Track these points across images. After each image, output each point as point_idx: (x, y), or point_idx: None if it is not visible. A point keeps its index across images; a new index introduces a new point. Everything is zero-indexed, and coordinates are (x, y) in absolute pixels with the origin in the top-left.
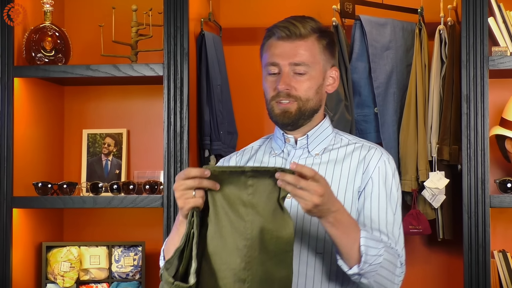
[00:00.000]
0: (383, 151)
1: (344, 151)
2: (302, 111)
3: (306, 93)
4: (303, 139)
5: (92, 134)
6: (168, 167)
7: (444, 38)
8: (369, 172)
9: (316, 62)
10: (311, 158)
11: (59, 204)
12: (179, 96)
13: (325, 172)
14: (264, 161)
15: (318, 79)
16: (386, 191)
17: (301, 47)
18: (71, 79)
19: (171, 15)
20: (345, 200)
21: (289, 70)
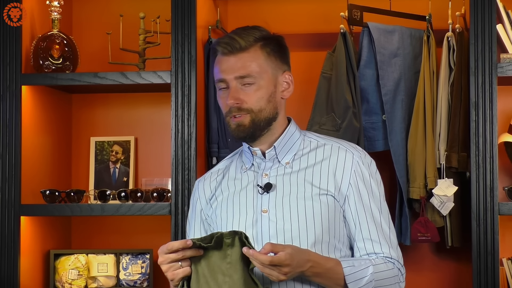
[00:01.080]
0: (353, 150)
1: (314, 156)
2: (256, 123)
3: (257, 103)
4: (271, 151)
5: (100, 142)
6: (176, 174)
7: (452, 45)
8: (346, 178)
9: (263, 71)
10: (282, 167)
11: (67, 212)
12: (186, 103)
13: (297, 180)
14: (237, 177)
15: (268, 88)
16: (368, 194)
17: (245, 59)
18: (79, 86)
19: (179, 23)
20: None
21: (236, 84)
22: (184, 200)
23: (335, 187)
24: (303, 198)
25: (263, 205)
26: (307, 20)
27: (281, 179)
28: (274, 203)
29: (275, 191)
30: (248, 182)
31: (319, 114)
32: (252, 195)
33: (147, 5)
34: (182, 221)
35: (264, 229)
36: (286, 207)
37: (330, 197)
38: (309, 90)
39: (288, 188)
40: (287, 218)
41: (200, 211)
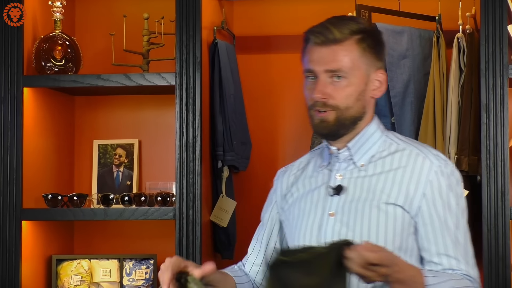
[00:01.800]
0: (433, 158)
1: (391, 161)
2: (341, 121)
3: (345, 101)
4: (345, 151)
5: (103, 145)
6: (180, 178)
7: (462, 46)
8: (420, 188)
9: (355, 67)
10: (356, 169)
11: (69, 217)
12: (191, 105)
13: (369, 185)
14: (313, 175)
15: (359, 85)
16: (443, 207)
17: (337, 52)
18: (82, 88)
19: (184, 24)
20: (390, 215)
21: (325, 77)
22: (189, 204)
23: (406, 198)
24: (371, 206)
25: (331, 208)
26: (314, 21)
27: (353, 182)
28: (342, 207)
29: (346, 194)
30: (322, 182)
31: None
32: (323, 196)
33: (151, 5)
34: (186, 225)
35: (327, 234)
36: (353, 213)
37: (399, 209)
38: None
39: (359, 193)
40: (352, 224)
41: (274, 202)
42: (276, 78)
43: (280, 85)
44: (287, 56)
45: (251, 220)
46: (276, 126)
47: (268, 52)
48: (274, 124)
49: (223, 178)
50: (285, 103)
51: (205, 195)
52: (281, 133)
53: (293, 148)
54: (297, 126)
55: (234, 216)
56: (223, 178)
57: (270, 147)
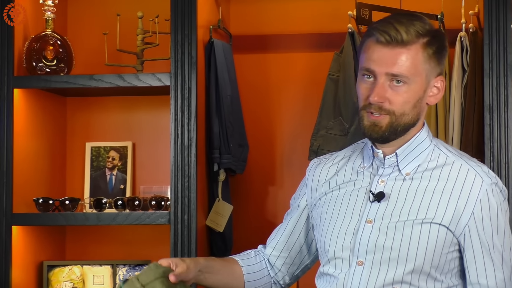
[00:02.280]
0: (484, 176)
1: (438, 174)
2: (394, 127)
3: (402, 107)
4: (392, 157)
5: (95, 147)
6: (175, 181)
7: (465, 46)
8: (469, 207)
9: (417, 73)
10: (401, 178)
11: (61, 221)
12: (186, 107)
13: (413, 197)
14: (352, 176)
15: (418, 92)
16: (492, 229)
17: (402, 55)
18: (74, 89)
19: (179, 22)
20: (433, 234)
21: (384, 80)
22: (184, 208)
23: (453, 217)
24: (413, 220)
25: (370, 214)
26: (313, 20)
27: (396, 190)
28: (382, 215)
29: (387, 202)
30: (361, 185)
31: (326, 118)
32: (362, 200)
33: (145, 4)
34: (181, 230)
35: (363, 240)
36: (393, 223)
37: (443, 228)
38: (315, 93)
39: (401, 203)
40: (391, 235)
41: (304, 194)
42: (274, 79)
43: (278, 86)
44: (285, 55)
45: (248, 225)
46: (274, 127)
47: (266, 52)
48: (272, 126)
49: (219, 181)
50: (283, 104)
51: (201, 199)
52: (279, 135)
53: (291, 150)
54: (296, 128)
55: (230, 220)
56: (219, 182)
57: (268, 150)
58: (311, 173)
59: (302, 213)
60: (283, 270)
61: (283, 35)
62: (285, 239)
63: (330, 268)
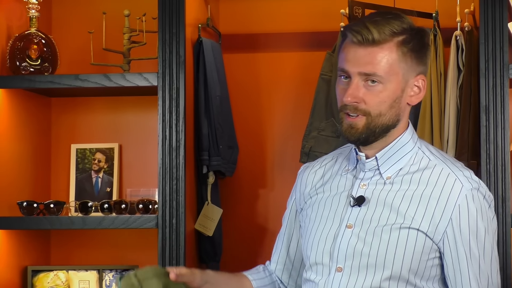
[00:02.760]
0: (464, 181)
1: (418, 178)
2: (371, 128)
3: (378, 107)
4: (372, 161)
5: (81, 149)
6: (163, 184)
7: (461, 45)
8: (448, 212)
9: (393, 72)
10: (382, 182)
11: (46, 225)
12: (175, 107)
13: (392, 201)
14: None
15: (394, 92)
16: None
17: (374, 54)
18: (59, 90)
19: (167, 21)
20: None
21: (359, 80)
22: (172, 212)
23: (431, 223)
24: (391, 225)
25: (350, 219)
26: (305, 18)
27: (376, 195)
28: (362, 220)
29: (367, 207)
30: (344, 188)
31: (318, 119)
32: (343, 204)
33: (132, 2)
34: (170, 234)
35: (342, 246)
36: (371, 228)
37: (421, 234)
38: (307, 93)
39: (381, 208)
40: (369, 241)
41: (294, 200)
42: (264, 79)
43: (268, 86)
44: (276, 55)
45: (238, 229)
46: (265, 129)
47: (256, 51)
48: (263, 127)
49: (208, 184)
50: (274, 104)
51: (190, 203)
52: (269, 137)
53: (283, 152)
54: (287, 129)
55: (220, 224)
56: (209, 184)
57: (258, 152)
58: (300, 176)
59: (295, 219)
60: (291, 283)
61: (274, 33)
62: (286, 251)
63: (312, 274)
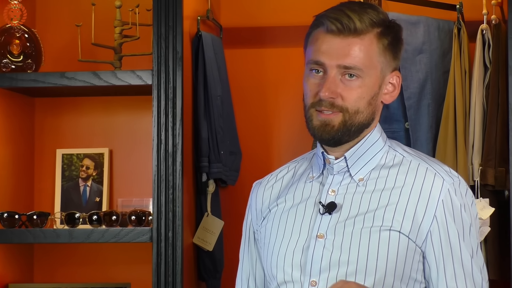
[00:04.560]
0: (444, 175)
1: (394, 176)
2: (347, 126)
3: (356, 104)
4: (341, 162)
5: (67, 155)
6: (158, 194)
7: (487, 40)
8: (431, 210)
9: (372, 66)
10: (354, 184)
11: (29, 239)
12: (171, 109)
13: (368, 204)
14: (299, 186)
15: (372, 87)
16: (458, 233)
17: (355, 46)
18: (43, 89)
19: (162, 13)
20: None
21: (336, 73)
22: (168, 224)
23: (412, 225)
24: (369, 227)
25: (320, 229)
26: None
27: (349, 199)
28: (334, 228)
29: (339, 213)
30: (309, 195)
31: None
32: (310, 213)
33: None
34: (165, 249)
35: (315, 258)
36: (348, 235)
37: (403, 236)
38: None
39: (355, 212)
40: (346, 248)
41: (250, 221)
42: (270, 77)
43: (275, 85)
44: (284, 50)
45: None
46: (271, 133)
47: (261, 46)
48: (269, 131)
49: (208, 193)
50: (281, 106)
51: (187, 214)
52: (276, 141)
53: (291, 158)
54: (295, 133)
55: (221, 238)
56: (209, 194)
57: (264, 158)
58: (253, 194)
59: (254, 244)
60: None
61: (282, 27)
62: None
63: None
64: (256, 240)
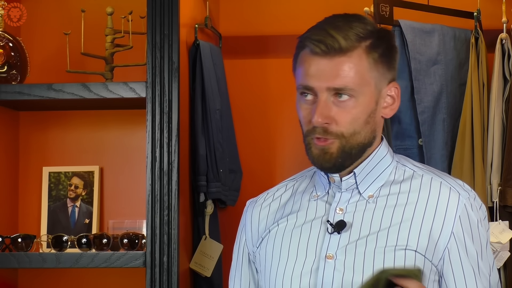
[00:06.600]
0: (459, 189)
1: (407, 192)
2: (346, 151)
3: (351, 126)
4: (350, 178)
5: (55, 173)
6: (152, 215)
7: (507, 50)
8: (448, 227)
9: (365, 83)
10: (363, 202)
11: (13, 263)
12: (166, 123)
13: (380, 221)
14: (302, 205)
15: (368, 105)
16: (476, 249)
17: (344, 65)
18: (29, 102)
19: (157, 20)
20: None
21: (327, 96)
22: (163, 248)
23: (429, 243)
24: (383, 247)
25: (330, 249)
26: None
27: (359, 217)
28: (345, 248)
29: (349, 232)
30: (315, 215)
31: None
32: (317, 232)
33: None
34: (160, 275)
35: (326, 280)
36: (360, 255)
37: (419, 256)
38: None
39: (367, 230)
40: (359, 269)
41: (244, 242)
42: (273, 89)
43: (278, 98)
44: (287, 61)
45: None
46: (274, 149)
47: (263, 56)
48: (271, 147)
49: (206, 215)
50: (285, 120)
51: (184, 237)
52: (279, 158)
53: None
54: (300, 150)
55: (220, 263)
56: (207, 215)
57: (266, 176)
58: (248, 215)
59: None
60: None
61: (284, 36)
62: None
63: None
64: (251, 262)
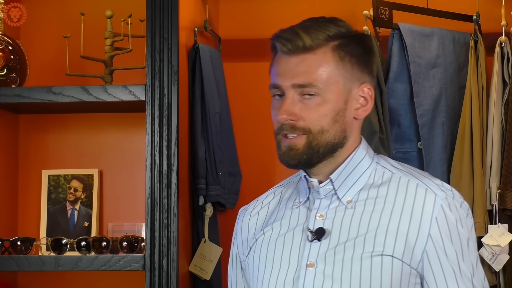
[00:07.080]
0: (436, 190)
1: (384, 196)
2: (313, 147)
3: (318, 122)
4: (327, 184)
5: (54, 176)
6: (151, 218)
7: (506, 53)
8: (424, 229)
9: (331, 81)
10: (342, 207)
11: (12, 266)
12: (166, 127)
13: (358, 227)
14: (286, 213)
15: (336, 103)
16: (456, 250)
17: (308, 62)
18: (28, 105)
19: (156, 23)
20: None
21: (293, 93)
22: (162, 251)
23: (406, 247)
24: (360, 254)
25: (310, 257)
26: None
27: (338, 223)
28: (324, 255)
29: (329, 239)
30: (297, 223)
31: None
32: (299, 240)
33: (115, 0)
34: (159, 278)
35: None
36: (339, 263)
37: (396, 261)
38: None
39: (345, 238)
40: (338, 277)
41: (236, 251)
42: None
43: None
44: None
45: None
46: (273, 152)
47: (263, 59)
48: (271, 150)
49: (205, 218)
50: None
51: (183, 240)
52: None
53: None
54: None
55: (219, 266)
56: (206, 218)
57: (265, 179)
58: (239, 223)
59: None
60: None
61: None
62: None
63: None
64: (243, 270)
